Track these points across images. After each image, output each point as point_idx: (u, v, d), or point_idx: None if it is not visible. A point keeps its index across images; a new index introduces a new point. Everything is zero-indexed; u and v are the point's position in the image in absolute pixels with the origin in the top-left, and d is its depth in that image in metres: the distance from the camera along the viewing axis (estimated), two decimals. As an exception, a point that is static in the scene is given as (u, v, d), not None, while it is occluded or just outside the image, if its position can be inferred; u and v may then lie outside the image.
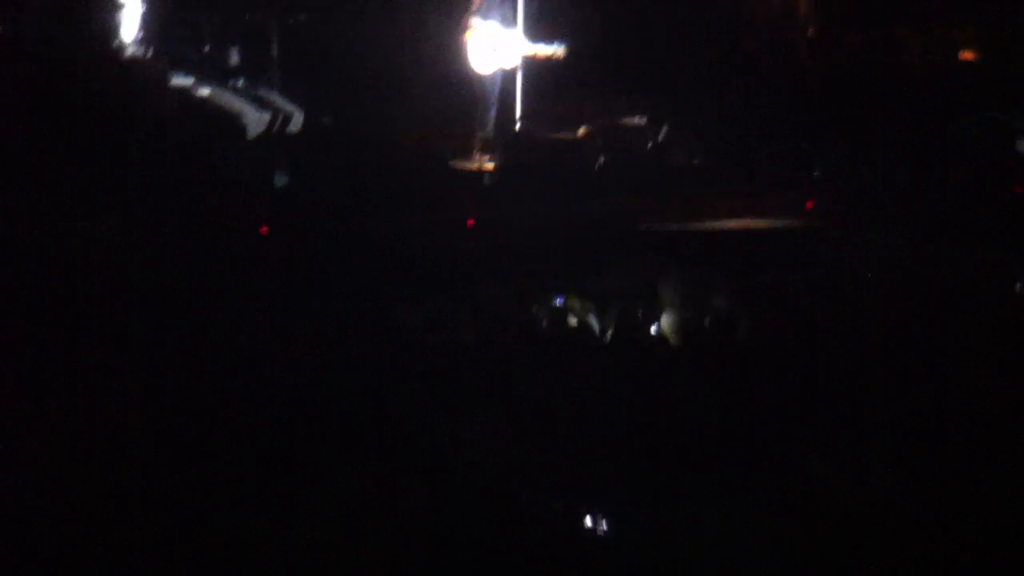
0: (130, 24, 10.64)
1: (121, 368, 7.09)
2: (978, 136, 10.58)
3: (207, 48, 11.46)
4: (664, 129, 11.64)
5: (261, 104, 11.06)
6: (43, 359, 6.97)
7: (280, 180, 9.62)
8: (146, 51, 10.61)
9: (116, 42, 10.42)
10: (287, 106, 11.17)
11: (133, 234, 8.41)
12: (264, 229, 9.36)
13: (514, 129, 12.03)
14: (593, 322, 8.68)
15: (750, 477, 6.53)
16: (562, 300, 8.90)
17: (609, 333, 8.52)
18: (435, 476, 6.46)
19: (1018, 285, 8.70)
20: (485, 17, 11.82)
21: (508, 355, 8.08)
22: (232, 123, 10.47)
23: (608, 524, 6.39)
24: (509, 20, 11.93)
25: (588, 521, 6.41)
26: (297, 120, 11.07)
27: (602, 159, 11.40)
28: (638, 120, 11.65)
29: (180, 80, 10.65)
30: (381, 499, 6.26)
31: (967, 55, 12.35)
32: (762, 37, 13.71)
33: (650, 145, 11.57)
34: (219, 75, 11.24)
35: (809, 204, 10.27)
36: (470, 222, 9.96)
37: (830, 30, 13.55)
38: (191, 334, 7.49)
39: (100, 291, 7.65)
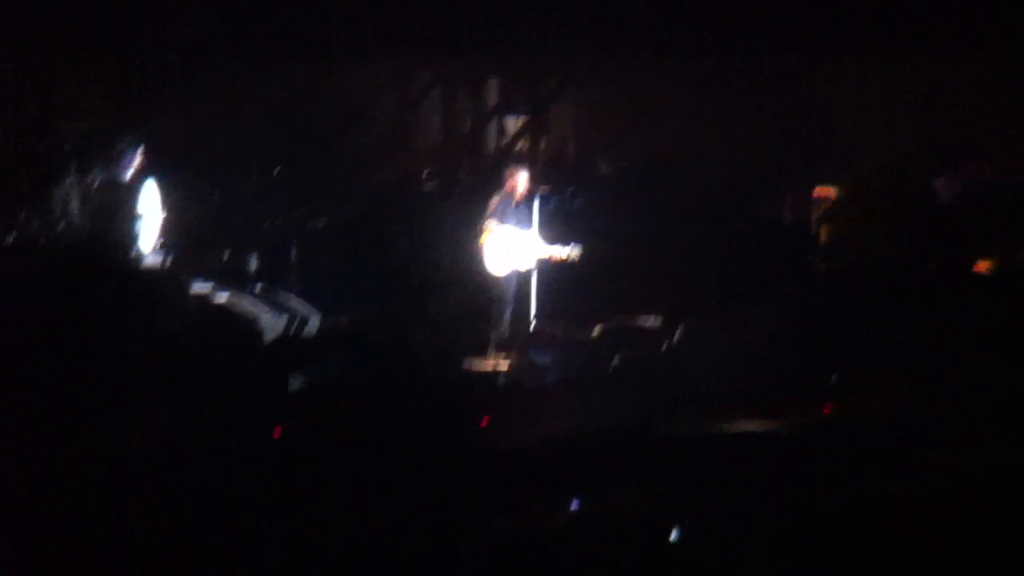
0: (149, 233, 10.97)
1: None
2: None
3: (226, 254, 11.77)
4: (679, 330, 11.72)
5: (279, 308, 11.26)
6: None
7: (295, 382, 9.69)
8: (165, 260, 10.90)
9: (135, 252, 10.72)
10: (305, 309, 11.37)
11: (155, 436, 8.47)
12: (278, 431, 9.40)
13: (529, 329, 12.17)
14: (607, 526, 8.60)
15: None
16: (577, 505, 8.83)
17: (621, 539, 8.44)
18: None
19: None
20: (501, 220, 12.06)
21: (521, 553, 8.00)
22: (249, 328, 10.64)
23: None
24: (525, 222, 12.18)
25: None
26: (314, 323, 11.25)
27: (616, 360, 11.46)
28: (653, 321, 11.76)
29: (199, 287, 10.89)
30: None
31: None
32: (780, 242, 13.99)
33: (665, 345, 11.64)
34: (238, 280, 11.50)
35: (827, 408, 10.24)
36: (484, 422, 9.97)
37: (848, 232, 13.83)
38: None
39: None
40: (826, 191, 14.19)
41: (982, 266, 12.68)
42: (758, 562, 6.67)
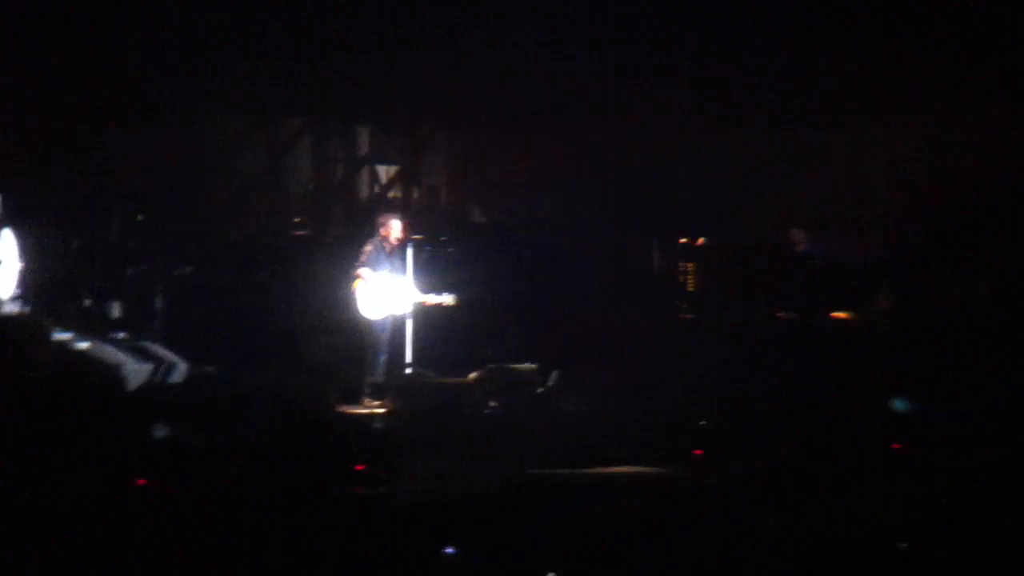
0: (7, 280, 10.60)
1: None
2: None
3: (87, 302, 11.45)
4: (554, 375, 11.75)
5: (143, 356, 10.96)
6: None
7: (159, 431, 9.41)
8: (23, 308, 10.54)
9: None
10: (170, 357, 11.08)
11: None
12: (141, 482, 9.12)
13: (404, 375, 12.05)
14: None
15: None
16: (453, 552, 8.73)
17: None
18: None
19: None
20: (375, 267, 11.97)
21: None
22: (111, 376, 10.33)
23: None
24: (399, 269, 12.11)
25: None
26: (180, 371, 10.97)
27: (492, 404, 11.42)
28: (527, 367, 11.75)
29: (60, 335, 10.55)
30: None
31: None
32: (649, 292, 14.20)
33: (540, 391, 11.65)
34: (100, 328, 11.18)
35: (699, 451, 10.33)
36: (359, 468, 9.82)
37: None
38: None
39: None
40: (694, 244, 14.45)
41: (838, 317, 13.05)
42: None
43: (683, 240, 14.34)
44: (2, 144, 12.75)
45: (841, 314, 13.12)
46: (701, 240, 14.21)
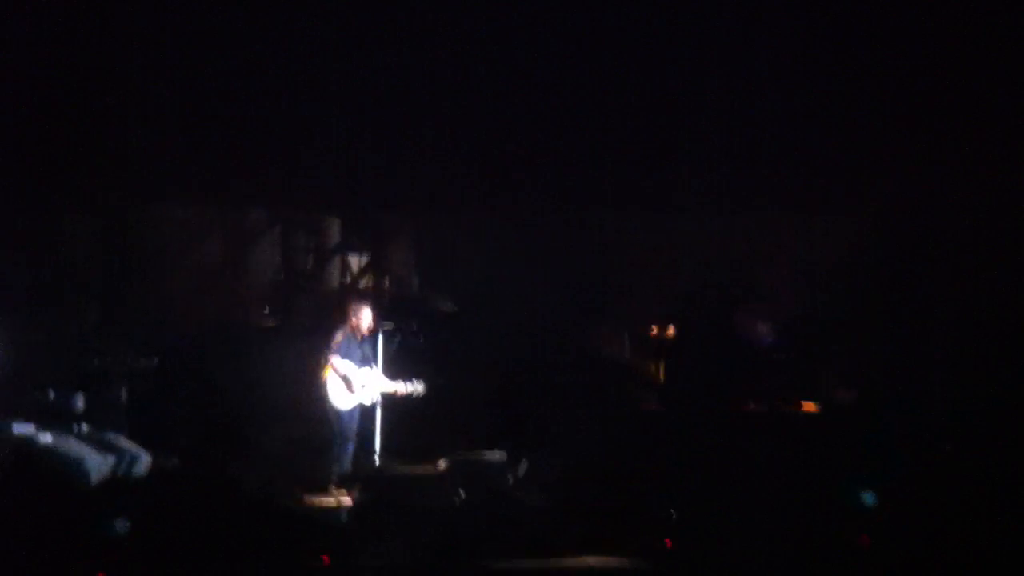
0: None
1: None
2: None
3: (50, 394, 11.32)
4: (523, 464, 11.66)
5: (106, 448, 10.82)
6: None
7: (121, 526, 9.27)
8: None
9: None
10: (133, 449, 10.95)
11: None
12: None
13: (372, 464, 11.95)
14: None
15: None
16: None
17: None
18: None
19: None
20: (344, 355, 11.91)
21: None
22: (74, 469, 10.18)
23: None
24: (368, 358, 12.06)
25: None
26: (144, 463, 10.83)
27: (461, 494, 11.30)
28: (496, 455, 11.67)
29: (21, 428, 10.42)
30: None
31: None
32: (619, 369, 14.18)
33: (509, 479, 11.55)
34: (62, 420, 11.05)
35: (668, 542, 10.27)
36: (325, 559, 9.72)
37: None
38: None
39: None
40: (662, 331, 14.46)
41: (807, 407, 13.06)
42: None
43: (654, 328, 14.36)
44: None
45: (809, 405, 13.13)
46: (671, 329, 14.24)
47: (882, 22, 13.96)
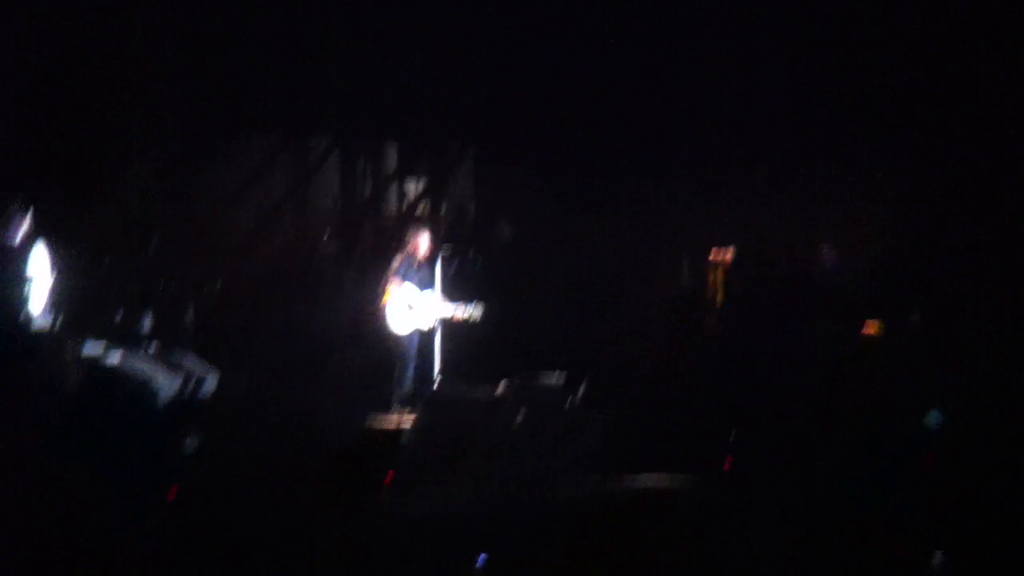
0: (38, 296, 10.69)
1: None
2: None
3: (119, 315, 11.53)
4: (582, 386, 11.73)
5: (174, 368, 11.03)
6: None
7: (191, 444, 9.49)
8: (55, 322, 10.63)
9: (24, 315, 10.44)
10: (201, 369, 11.15)
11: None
12: (173, 493, 9.19)
13: (432, 387, 12.10)
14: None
15: None
16: (483, 561, 8.75)
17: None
18: None
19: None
20: (404, 280, 12.03)
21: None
22: (143, 389, 10.40)
23: None
24: (427, 282, 12.17)
25: None
26: (212, 383, 11.03)
27: (520, 417, 11.42)
28: (556, 378, 11.74)
29: (91, 348, 10.63)
30: None
31: None
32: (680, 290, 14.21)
33: (569, 402, 11.63)
34: (131, 341, 11.26)
35: (727, 463, 10.31)
36: (389, 477, 9.89)
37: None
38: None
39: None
40: (722, 253, 14.41)
41: (871, 328, 12.99)
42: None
43: (713, 251, 14.33)
44: (35, 157, 12.89)
45: (872, 328, 13.07)
46: (729, 255, 14.20)
47: None
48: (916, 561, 8.08)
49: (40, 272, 10.77)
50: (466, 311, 12.20)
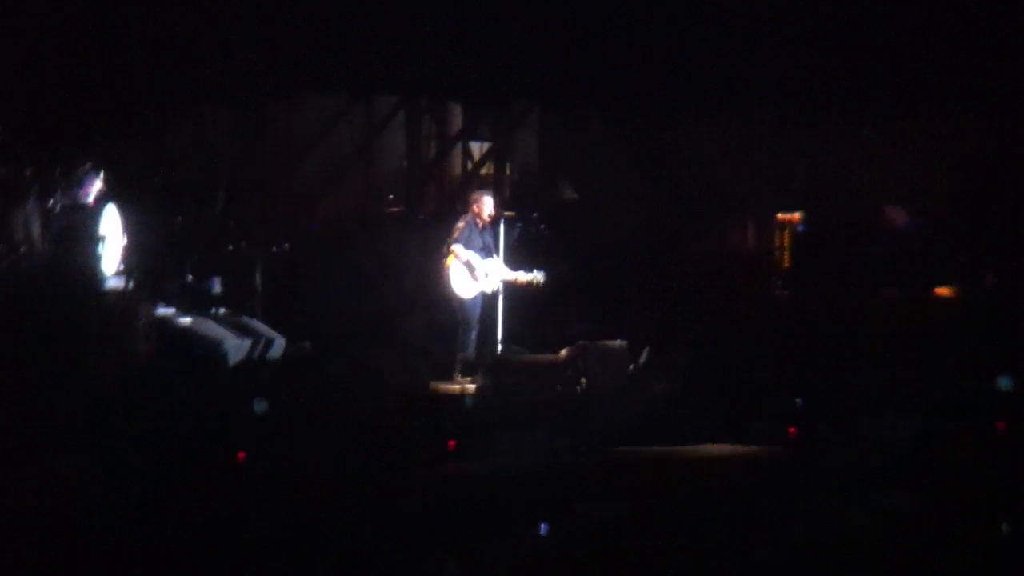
0: (110, 257, 10.84)
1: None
2: None
3: (189, 278, 11.68)
4: (645, 352, 11.72)
5: (243, 332, 11.17)
6: None
7: (260, 407, 9.61)
8: (127, 284, 10.78)
9: (96, 276, 10.59)
10: (269, 333, 11.29)
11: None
12: (242, 456, 9.31)
13: (495, 352, 12.13)
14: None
15: None
16: (546, 529, 8.78)
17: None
18: None
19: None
20: (467, 244, 12.04)
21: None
22: (213, 351, 10.55)
23: None
24: (490, 247, 12.17)
25: None
26: (279, 346, 11.16)
27: (583, 382, 11.43)
28: (619, 344, 11.73)
29: (162, 311, 10.80)
30: None
31: None
32: (743, 268, 14.07)
33: (631, 368, 11.63)
34: (201, 304, 11.42)
35: (792, 431, 10.24)
36: (451, 444, 9.93)
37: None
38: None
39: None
40: (789, 217, 14.27)
41: (942, 292, 12.81)
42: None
43: (780, 216, 14.19)
44: (107, 121, 13.04)
45: (944, 290, 12.88)
46: (797, 216, 14.05)
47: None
48: (980, 527, 7.98)
49: (112, 232, 10.91)
50: (529, 276, 12.19)
